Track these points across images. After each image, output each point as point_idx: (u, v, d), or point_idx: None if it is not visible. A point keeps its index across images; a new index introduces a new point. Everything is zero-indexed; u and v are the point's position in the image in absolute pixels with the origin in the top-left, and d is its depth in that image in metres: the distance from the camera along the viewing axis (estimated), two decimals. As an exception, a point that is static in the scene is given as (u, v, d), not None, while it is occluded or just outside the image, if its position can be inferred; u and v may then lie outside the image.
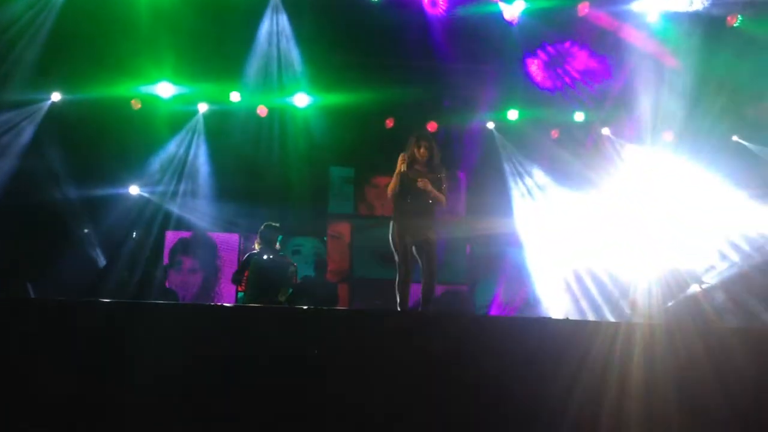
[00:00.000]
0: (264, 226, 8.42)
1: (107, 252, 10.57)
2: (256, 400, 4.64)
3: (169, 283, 10.88)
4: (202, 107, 11.35)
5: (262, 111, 11.20)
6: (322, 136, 11.39)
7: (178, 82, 10.75)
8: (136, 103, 10.76)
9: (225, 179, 11.35)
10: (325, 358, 4.80)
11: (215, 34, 9.96)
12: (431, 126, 11.38)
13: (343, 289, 11.50)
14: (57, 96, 10.63)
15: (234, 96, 11.04)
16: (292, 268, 8.43)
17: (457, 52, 10.56)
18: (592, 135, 11.95)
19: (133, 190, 11.31)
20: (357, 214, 12.32)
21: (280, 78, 10.86)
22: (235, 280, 8.58)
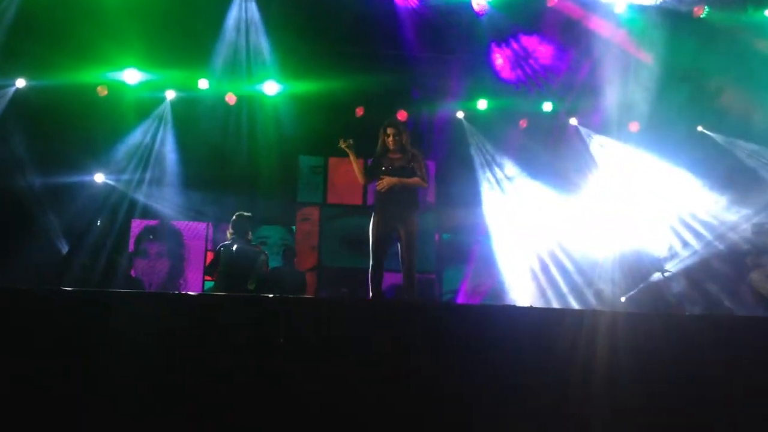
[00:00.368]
0: (236, 216, 8.34)
1: (71, 240, 10.43)
2: (222, 389, 4.62)
3: (135, 272, 10.77)
4: (170, 94, 11.26)
5: (230, 99, 11.12)
6: (291, 125, 11.33)
7: (145, 69, 10.65)
8: (102, 90, 10.63)
9: (192, 167, 11.24)
10: (291, 347, 4.78)
11: (183, 20, 9.89)
12: (401, 115, 11.38)
13: (312, 278, 11.48)
14: (21, 82, 10.46)
15: (202, 83, 10.94)
16: (263, 256, 8.36)
17: (426, 41, 10.60)
18: (560, 125, 12.04)
19: (99, 177, 11.15)
20: (326, 203, 12.28)
21: (249, 65, 10.82)
22: (208, 271, 8.54)
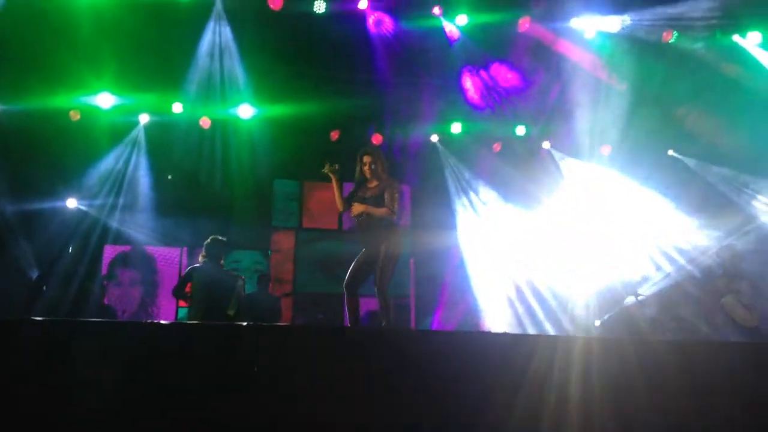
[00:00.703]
0: (211, 239, 8.26)
1: (42, 267, 10.28)
2: (195, 420, 4.57)
3: (108, 299, 10.64)
4: (144, 118, 11.17)
5: (205, 122, 11.08)
6: (266, 149, 11.29)
7: (118, 93, 10.57)
8: (75, 114, 10.53)
9: (166, 192, 11.18)
10: (266, 375, 4.75)
11: (157, 44, 9.83)
12: (376, 138, 11.43)
13: (287, 303, 11.42)
14: (-7, 107, 10.35)
15: (176, 107, 10.89)
16: (240, 281, 8.26)
17: (400, 65, 10.66)
18: (533, 149, 12.16)
19: (71, 203, 11.01)
20: (301, 227, 12.25)
21: (224, 89, 10.77)
22: (176, 294, 8.41)
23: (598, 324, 9.09)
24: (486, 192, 12.03)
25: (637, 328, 8.38)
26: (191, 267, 8.24)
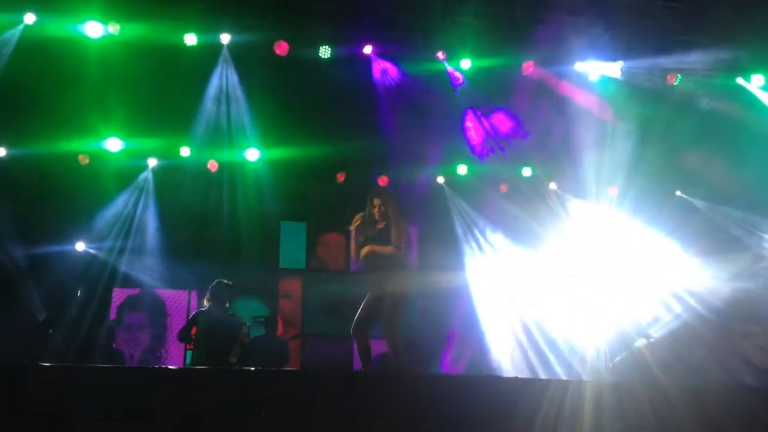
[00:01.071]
0: (215, 283, 8.26)
1: (51, 311, 10.24)
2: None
3: (116, 343, 10.58)
4: (152, 162, 11.24)
5: (212, 166, 11.14)
6: (273, 190, 11.33)
7: (127, 137, 10.63)
8: (84, 159, 10.60)
9: (174, 235, 11.15)
10: (273, 422, 4.71)
11: (165, 89, 9.94)
12: (382, 180, 11.47)
13: (295, 346, 11.34)
14: (2, 151, 10.40)
15: (184, 151, 10.97)
16: (244, 328, 8.21)
17: (405, 107, 10.74)
18: (540, 190, 12.15)
19: (80, 246, 11.01)
20: (309, 269, 12.23)
21: (231, 133, 10.84)
22: (182, 337, 8.40)
23: (610, 366, 8.97)
24: (493, 233, 12.01)
25: (648, 371, 8.26)
26: (198, 310, 8.24)
